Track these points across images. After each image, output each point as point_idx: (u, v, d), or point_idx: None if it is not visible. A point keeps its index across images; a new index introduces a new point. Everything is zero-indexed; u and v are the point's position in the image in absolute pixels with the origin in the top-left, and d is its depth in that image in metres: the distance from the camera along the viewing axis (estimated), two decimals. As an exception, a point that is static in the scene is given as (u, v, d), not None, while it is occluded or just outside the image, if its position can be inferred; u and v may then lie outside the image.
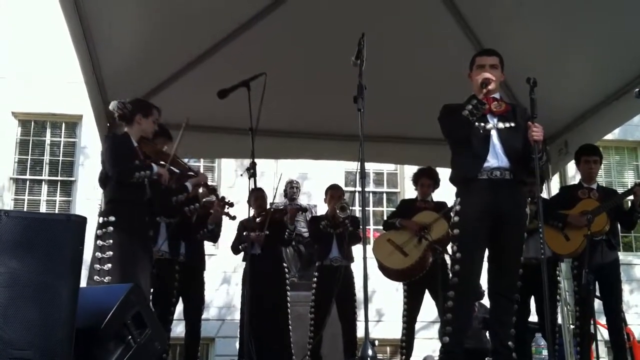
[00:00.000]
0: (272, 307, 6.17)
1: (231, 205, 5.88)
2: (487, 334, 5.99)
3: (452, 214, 4.11)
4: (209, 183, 5.03)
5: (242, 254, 6.55)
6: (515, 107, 4.23)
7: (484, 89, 3.98)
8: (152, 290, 4.53)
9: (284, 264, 6.57)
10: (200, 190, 5.26)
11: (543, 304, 5.22)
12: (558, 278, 5.86)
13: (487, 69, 4.10)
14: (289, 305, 6.42)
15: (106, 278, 3.99)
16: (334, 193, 6.57)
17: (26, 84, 10.86)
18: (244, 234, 6.32)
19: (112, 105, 4.42)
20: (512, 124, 4.06)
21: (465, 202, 4.00)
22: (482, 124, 4.02)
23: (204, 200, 5.65)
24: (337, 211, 6.26)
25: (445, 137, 4.23)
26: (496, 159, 3.97)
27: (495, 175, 3.95)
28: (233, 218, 5.86)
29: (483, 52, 4.28)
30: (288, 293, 6.45)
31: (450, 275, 4.03)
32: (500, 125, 4.04)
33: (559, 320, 6.22)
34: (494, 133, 4.01)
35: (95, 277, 4.02)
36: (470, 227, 3.94)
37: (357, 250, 6.44)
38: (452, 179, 4.18)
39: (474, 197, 3.96)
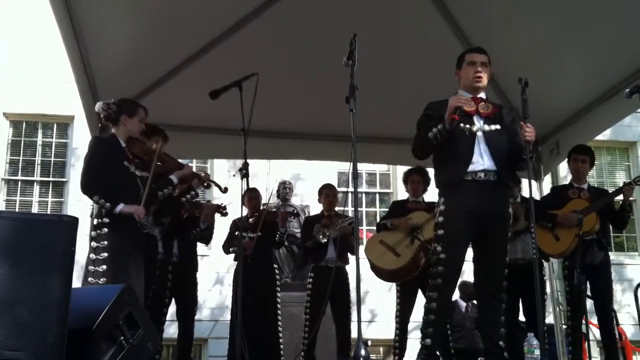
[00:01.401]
0: (262, 308, 6.16)
1: (224, 208, 5.89)
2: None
3: (436, 213, 4.07)
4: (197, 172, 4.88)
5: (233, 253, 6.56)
6: (502, 107, 4.22)
7: (455, 115, 3.91)
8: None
9: (275, 265, 6.57)
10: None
11: (531, 304, 5.26)
12: (544, 278, 5.88)
13: (479, 66, 4.09)
14: (279, 306, 6.42)
15: (101, 279, 3.96)
16: (328, 192, 6.60)
17: (18, 85, 10.83)
18: (236, 233, 6.33)
19: (98, 107, 4.41)
20: (498, 126, 4.04)
21: (449, 203, 3.97)
22: (468, 126, 4.00)
23: (196, 200, 5.62)
24: (319, 236, 6.30)
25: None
26: (482, 161, 3.94)
27: (480, 177, 3.93)
28: (225, 214, 5.85)
29: (474, 49, 4.25)
30: (278, 294, 6.44)
31: (433, 276, 3.97)
32: (487, 127, 4.02)
33: (551, 320, 6.25)
34: (480, 135, 3.99)
35: (90, 279, 4.00)
36: (455, 227, 3.92)
37: (350, 251, 6.45)
38: (437, 182, 4.16)
39: (458, 197, 3.94)
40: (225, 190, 5.15)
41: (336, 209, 6.68)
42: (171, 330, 6.45)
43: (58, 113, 11.12)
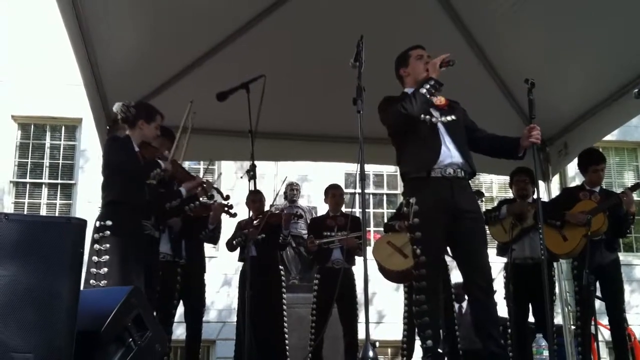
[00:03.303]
0: (268, 309, 6.16)
1: (231, 207, 5.89)
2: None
3: (409, 214, 3.94)
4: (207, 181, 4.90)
5: (237, 253, 6.56)
6: (451, 102, 4.16)
7: (448, 66, 3.93)
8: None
9: (280, 267, 6.56)
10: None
11: (540, 305, 5.24)
12: (553, 278, 5.87)
13: (427, 59, 4.08)
14: (284, 307, 6.41)
15: (102, 282, 3.98)
16: (335, 192, 6.61)
17: (26, 88, 10.88)
18: (242, 231, 6.35)
19: (117, 107, 4.41)
20: (454, 117, 4.02)
21: (422, 203, 3.88)
22: (427, 117, 3.97)
23: (204, 201, 5.63)
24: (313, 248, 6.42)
25: (396, 119, 4.02)
26: (449, 152, 3.91)
27: (449, 173, 3.89)
28: (234, 215, 5.87)
29: (417, 46, 4.22)
30: (284, 295, 6.44)
31: (417, 278, 3.90)
32: (444, 118, 4.00)
33: (560, 321, 6.22)
34: (440, 126, 3.97)
35: (91, 281, 4.00)
36: (433, 229, 3.85)
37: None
38: (406, 174, 4.06)
39: (430, 195, 3.86)
40: (227, 198, 5.17)
41: (343, 209, 6.69)
42: (179, 331, 6.46)
43: (66, 115, 11.16)
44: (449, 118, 4.01)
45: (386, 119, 4.10)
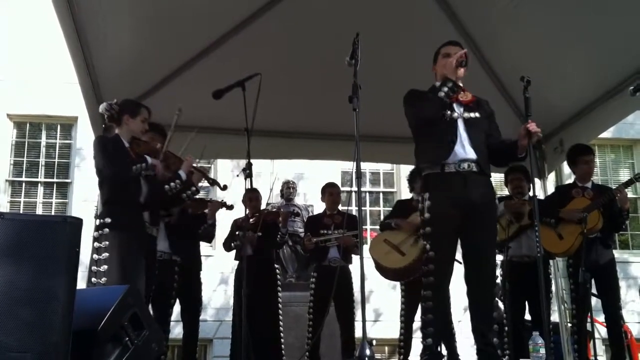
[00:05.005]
0: (263, 308, 6.15)
1: (227, 206, 5.88)
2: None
3: (422, 209, 3.97)
4: (197, 165, 4.88)
5: (233, 252, 6.55)
6: (480, 100, 4.17)
7: (462, 68, 3.96)
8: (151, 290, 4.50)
9: (275, 265, 6.55)
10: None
11: (537, 302, 5.25)
12: (550, 276, 5.87)
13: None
14: (280, 306, 6.40)
15: (102, 279, 3.99)
16: (332, 191, 6.60)
17: (21, 86, 10.85)
18: (237, 233, 6.33)
19: (101, 108, 4.45)
20: (477, 115, 4.02)
21: (435, 198, 3.90)
22: (449, 112, 3.98)
23: (201, 197, 5.63)
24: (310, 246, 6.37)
25: (414, 119, 4.11)
26: (463, 149, 3.92)
27: (463, 168, 3.90)
28: (231, 207, 5.85)
29: (450, 42, 4.22)
30: (279, 294, 6.43)
31: (426, 274, 3.91)
32: (466, 114, 4.00)
33: (557, 319, 6.23)
34: (460, 122, 3.97)
35: (93, 279, 4.03)
36: (444, 225, 3.87)
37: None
38: (420, 168, 4.12)
39: (443, 191, 3.88)
40: (224, 188, 5.14)
41: (340, 208, 6.69)
42: (176, 330, 6.46)
43: (62, 114, 11.13)
44: (471, 115, 4.01)
45: (408, 115, 4.14)
